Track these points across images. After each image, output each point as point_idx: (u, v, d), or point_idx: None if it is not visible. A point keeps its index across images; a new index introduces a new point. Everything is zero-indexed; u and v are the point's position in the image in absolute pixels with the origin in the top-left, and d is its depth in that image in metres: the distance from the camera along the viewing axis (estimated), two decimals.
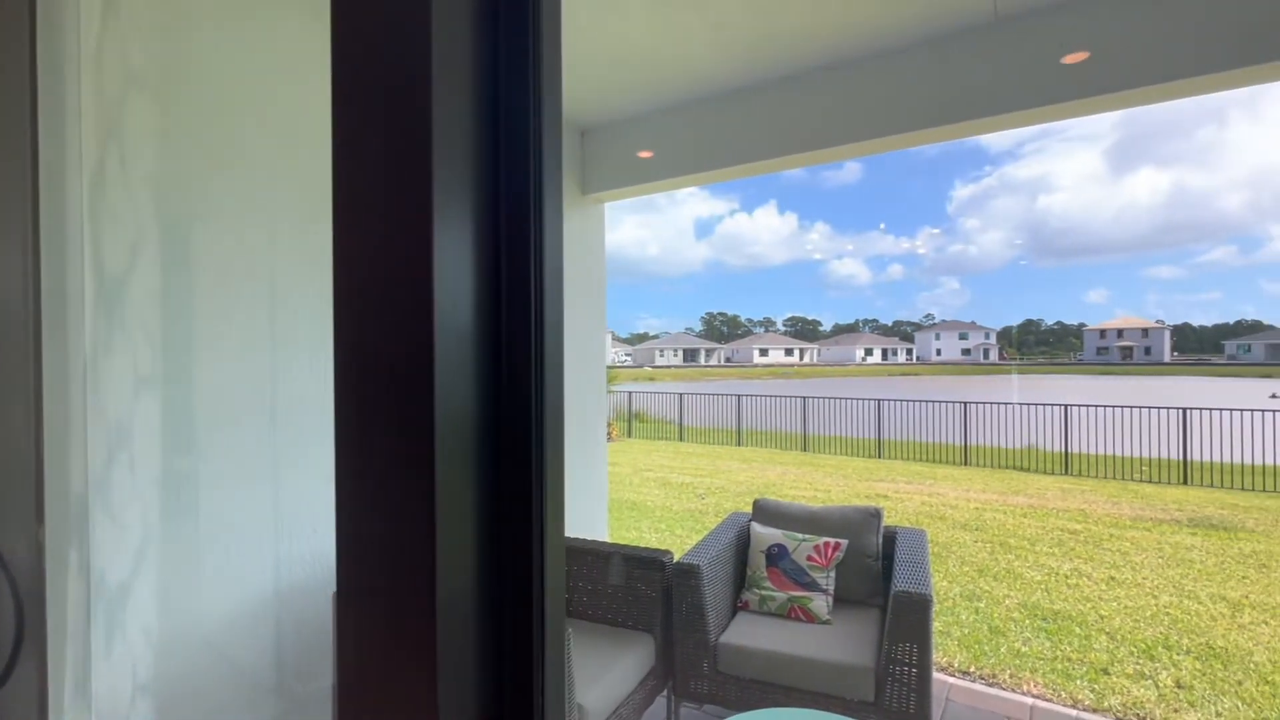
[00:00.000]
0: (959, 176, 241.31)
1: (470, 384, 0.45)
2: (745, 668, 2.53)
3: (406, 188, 0.45)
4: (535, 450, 0.46)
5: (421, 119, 0.44)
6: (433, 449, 0.41)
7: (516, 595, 0.47)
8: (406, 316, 0.43)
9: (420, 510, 0.42)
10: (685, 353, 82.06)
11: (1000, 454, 11.41)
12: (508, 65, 0.50)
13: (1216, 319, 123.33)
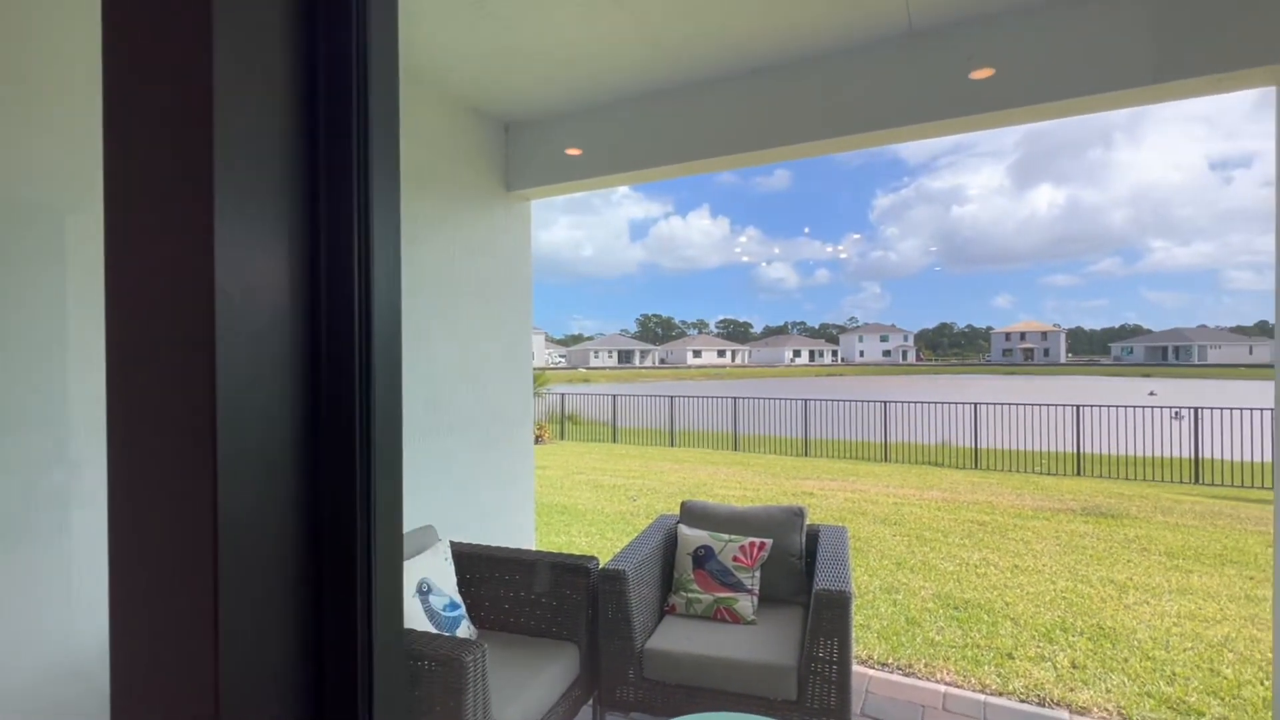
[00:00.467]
0: (880, 186, 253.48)
1: (272, 390, 0.38)
2: (672, 673, 2.50)
3: (184, 179, 0.37)
4: (362, 466, 0.39)
5: (200, 101, 0.36)
6: (215, 472, 0.34)
7: (339, 675, 0.40)
8: (184, 315, 0.35)
9: (199, 553, 0.34)
10: (620, 354, 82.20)
11: (917, 450, 12.00)
12: (327, 58, 0.43)
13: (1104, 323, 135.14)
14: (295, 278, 0.41)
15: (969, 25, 2.80)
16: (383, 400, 0.42)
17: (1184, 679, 3.14)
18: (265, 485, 0.37)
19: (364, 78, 0.44)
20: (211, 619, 0.34)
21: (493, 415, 3.80)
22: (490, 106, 3.67)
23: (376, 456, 0.39)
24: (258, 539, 0.36)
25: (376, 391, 0.41)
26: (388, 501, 0.41)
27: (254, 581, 0.37)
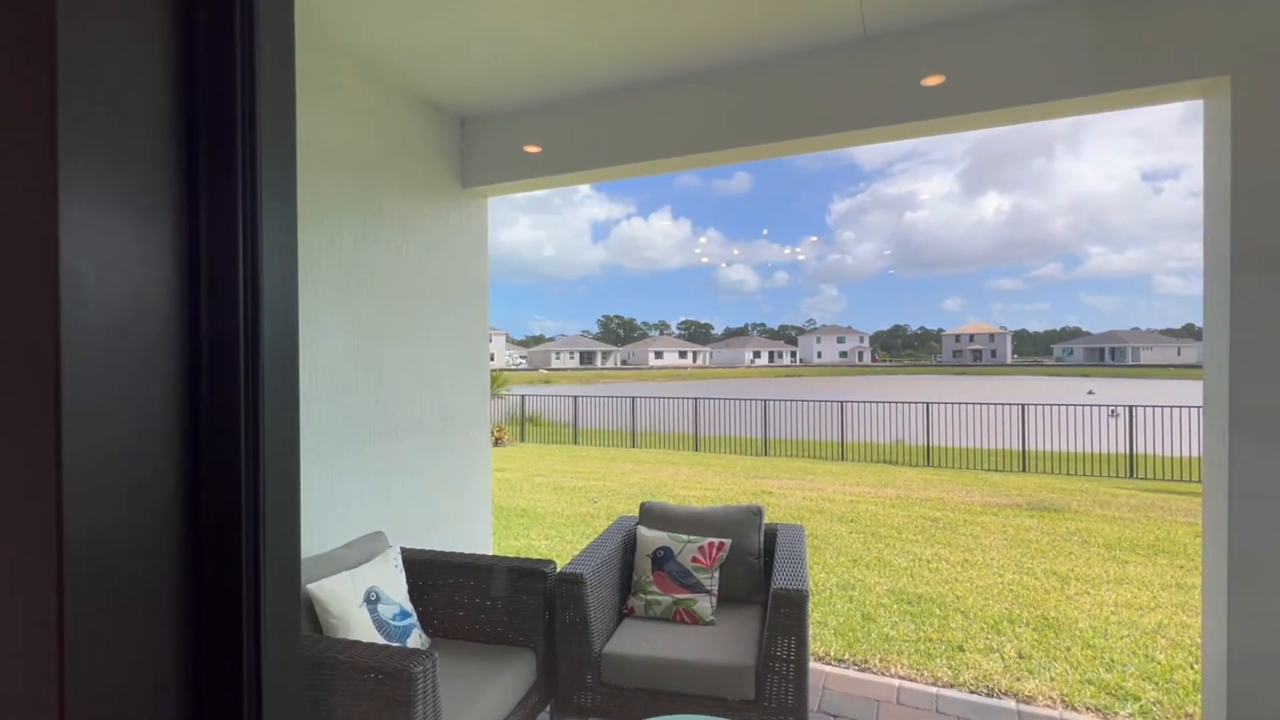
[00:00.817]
0: (837, 191, 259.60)
1: (139, 391, 0.33)
2: (630, 677, 2.47)
3: (17, 112, 0.32)
4: (249, 477, 0.35)
5: (42, 66, 0.31)
6: (60, 482, 0.29)
7: None
8: (17, 296, 0.30)
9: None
10: (582, 355, 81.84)
11: (873, 449, 12.28)
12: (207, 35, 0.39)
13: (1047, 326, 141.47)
14: (169, 264, 0.36)
15: (921, 33, 2.86)
16: (275, 405, 0.38)
17: (1121, 665, 3.28)
18: (131, 498, 0.32)
19: (249, 48, 0.39)
20: (55, 650, 0.29)
21: (448, 417, 3.71)
22: (445, 100, 3.58)
23: (267, 466, 0.35)
24: (120, 558, 0.32)
25: (267, 395, 0.37)
26: (281, 513, 0.37)
27: (115, 606, 0.32)
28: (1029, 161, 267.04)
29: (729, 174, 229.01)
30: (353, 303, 3.05)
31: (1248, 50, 2.39)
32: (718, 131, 3.29)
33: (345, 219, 3.00)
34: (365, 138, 3.16)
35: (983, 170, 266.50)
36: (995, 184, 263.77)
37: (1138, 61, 2.55)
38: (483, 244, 4.06)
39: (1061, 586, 4.48)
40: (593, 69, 3.25)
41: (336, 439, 2.94)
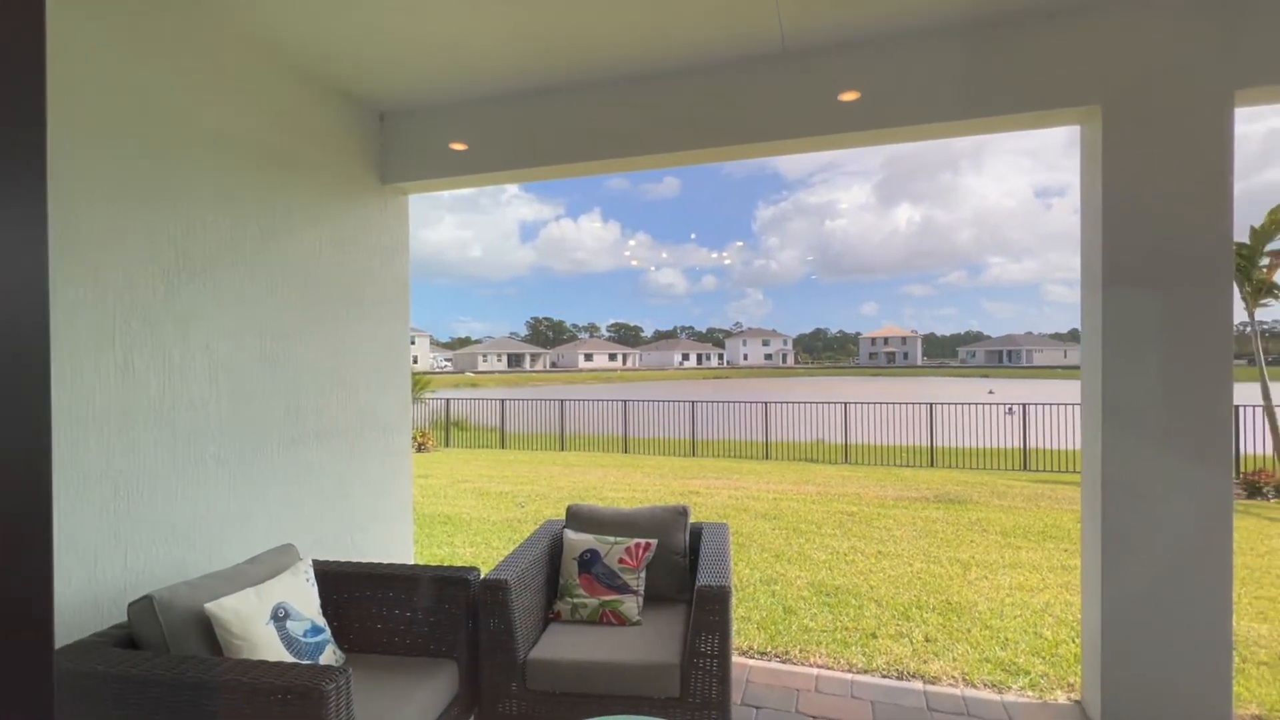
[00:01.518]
0: (762, 198, 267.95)
1: None
2: (557, 682, 2.45)
3: None
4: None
5: None
6: None
7: None
8: None
9: None
10: (510, 357, 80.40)
11: (795, 448, 12.74)
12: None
13: (953, 329, 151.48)
14: None
15: (837, 50, 3.00)
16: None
17: (1014, 643, 3.55)
18: None
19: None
20: None
21: (366, 421, 3.55)
22: (362, 92, 3.44)
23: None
24: None
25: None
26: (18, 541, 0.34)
27: None
28: (938, 176, 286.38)
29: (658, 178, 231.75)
30: (260, 301, 2.87)
31: (1116, 82, 2.66)
32: (645, 136, 3.33)
33: (249, 212, 2.82)
34: (272, 128, 2.98)
35: (896, 183, 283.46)
36: (907, 196, 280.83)
37: (1024, 88, 2.79)
38: (403, 242, 3.92)
39: (964, 573, 4.81)
40: (520, 68, 3.21)
41: (240, 446, 2.76)
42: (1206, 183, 2.56)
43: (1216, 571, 2.57)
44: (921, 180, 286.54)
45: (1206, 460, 2.56)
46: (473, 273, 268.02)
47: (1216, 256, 2.55)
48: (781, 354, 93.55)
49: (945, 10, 2.71)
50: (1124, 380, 2.67)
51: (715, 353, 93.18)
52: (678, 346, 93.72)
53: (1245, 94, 2.55)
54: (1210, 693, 2.56)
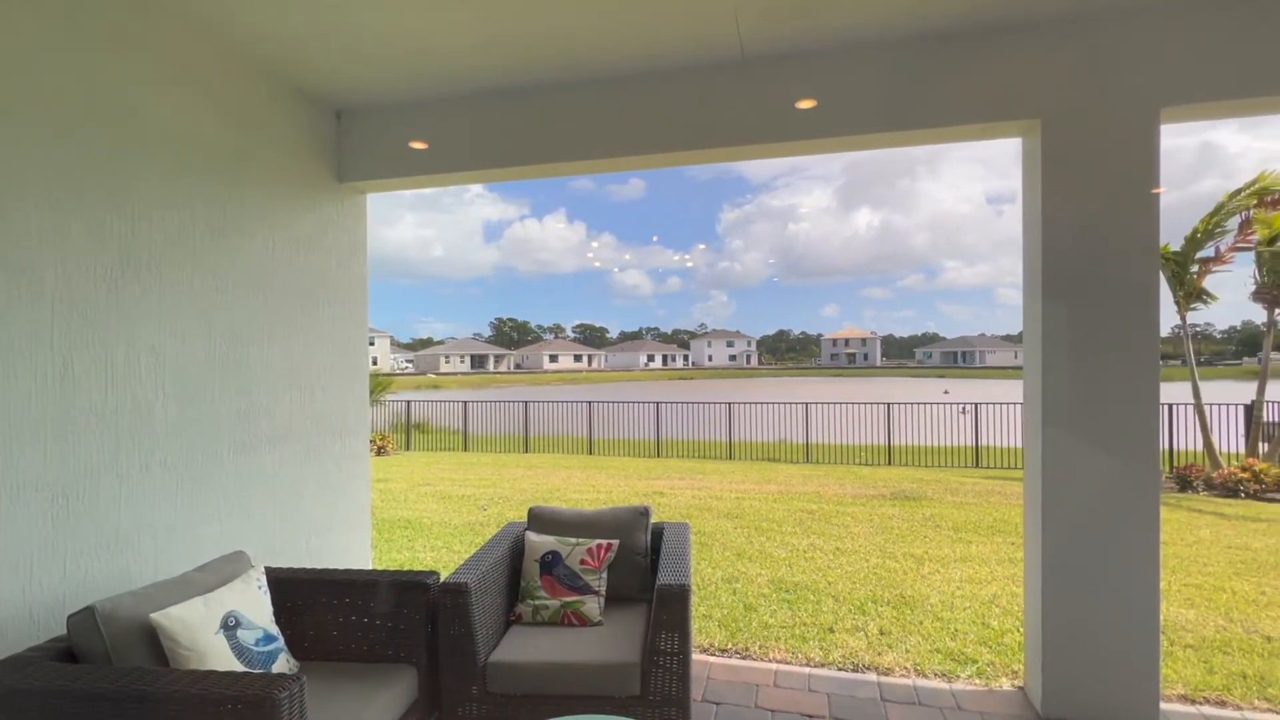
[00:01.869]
0: (726, 201, 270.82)
1: None
2: (518, 684, 2.45)
3: None
4: None
5: None
6: None
7: None
8: None
9: None
10: (473, 359, 79.36)
11: (758, 448, 12.92)
12: None
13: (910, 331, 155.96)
14: None
15: (794, 59, 3.07)
16: None
17: (963, 634, 3.69)
18: None
19: None
20: None
21: (322, 425, 3.48)
22: (318, 90, 3.37)
23: None
24: None
25: None
26: None
27: None
28: (896, 182, 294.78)
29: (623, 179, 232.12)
30: (210, 301, 2.79)
31: (1053, 98, 2.80)
32: (608, 139, 3.35)
33: (199, 210, 2.75)
34: (224, 123, 2.90)
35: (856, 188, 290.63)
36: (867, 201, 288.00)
37: (970, 101, 2.91)
38: (361, 242, 3.86)
39: (917, 567, 4.96)
40: (482, 68, 3.20)
41: (189, 451, 2.68)
42: (1135, 194, 2.71)
43: (1145, 561, 2.72)
44: (881, 185, 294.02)
45: (1136, 456, 2.72)
46: (435, 272, 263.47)
47: (1144, 263, 2.71)
48: (746, 355, 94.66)
49: (896, 24, 2.81)
50: (1062, 380, 2.81)
51: (681, 354, 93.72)
52: (643, 348, 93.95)
53: (1170, 111, 2.72)
54: (1140, 675, 2.72)
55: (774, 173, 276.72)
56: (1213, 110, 2.79)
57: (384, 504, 7.39)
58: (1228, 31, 2.62)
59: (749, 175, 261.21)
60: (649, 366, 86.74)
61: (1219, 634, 3.68)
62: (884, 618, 3.95)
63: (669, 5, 2.65)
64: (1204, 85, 2.66)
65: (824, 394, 16.45)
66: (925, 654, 3.44)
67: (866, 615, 3.99)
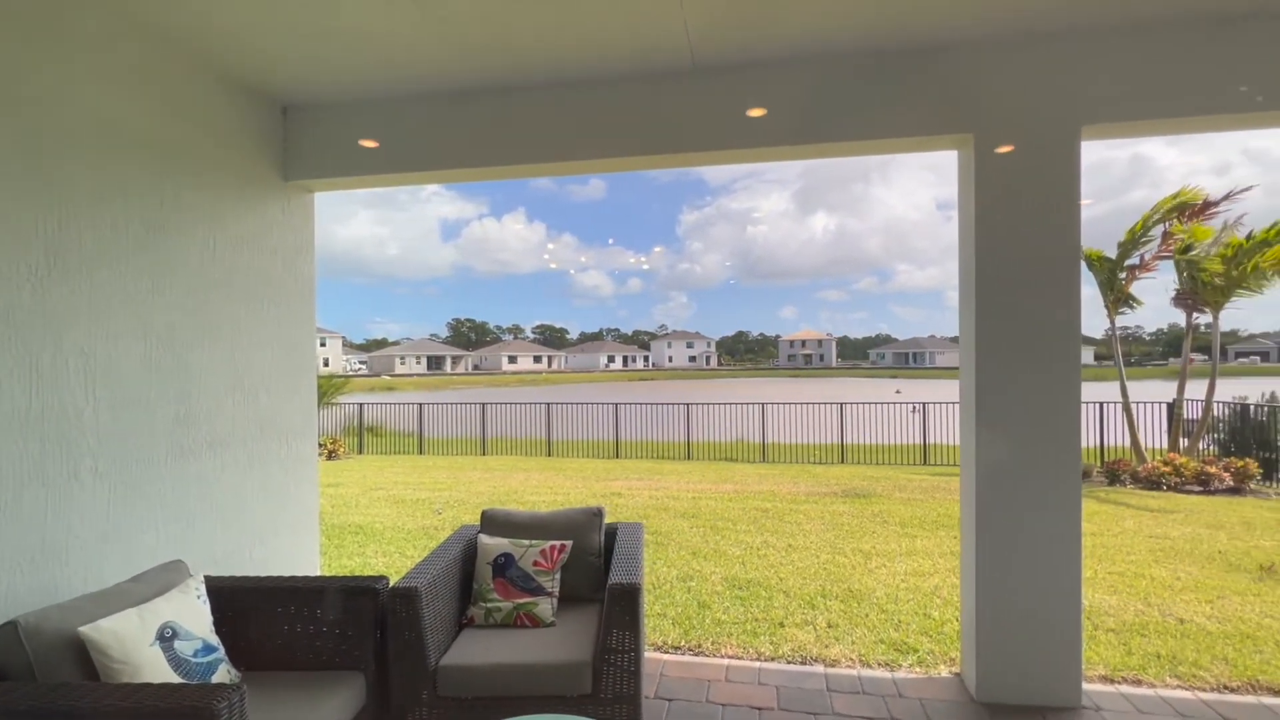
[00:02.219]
0: (686, 203, 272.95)
1: None
2: (469, 687, 2.44)
3: None
4: None
5: None
6: None
7: None
8: None
9: None
10: (430, 360, 77.82)
11: (716, 448, 13.09)
12: None
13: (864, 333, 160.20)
14: None
15: (744, 69, 3.15)
16: None
17: (906, 624, 3.84)
18: None
19: None
20: None
21: (265, 428, 3.39)
22: (263, 84, 3.29)
23: None
24: None
25: None
26: None
27: None
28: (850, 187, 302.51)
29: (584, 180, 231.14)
30: (145, 302, 2.69)
31: (985, 114, 2.96)
32: (562, 143, 3.37)
33: (134, 207, 2.65)
34: (162, 117, 2.81)
35: (813, 192, 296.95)
36: (823, 205, 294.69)
37: (909, 115, 3.04)
38: (308, 241, 3.77)
39: (865, 562, 5.13)
40: (432, 69, 3.17)
41: (122, 458, 2.58)
42: (1059, 205, 2.89)
43: (1068, 552, 2.90)
44: (836, 190, 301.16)
45: (1060, 452, 2.89)
46: (390, 271, 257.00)
47: (1067, 271, 2.89)
48: (705, 356, 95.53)
49: (841, 40, 2.92)
50: (992, 380, 2.96)
51: (641, 355, 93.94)
52: (604, 348, 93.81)
53: (1090, 129, 2.90)
54: (1064, 658, 2.89)
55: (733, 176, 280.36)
56: (1130, 129, 2.98)
57: (334, 509, 7.21)
58: (1143, 56, 2.81)
59: (708, 178, 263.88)
60: (609, 367, 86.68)
61: (1138, 618, 3.93)
62: (832, 611, 4.07)
63: (619, 13, 2.69)
64: (1121, 106, 2.85)
65: (781, 394, 16.79)
66: (870, 645, 3.57)
67: (816, 609, 4.10)
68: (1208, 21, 2.74)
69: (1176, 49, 2.78)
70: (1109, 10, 2.70)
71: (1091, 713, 2.85)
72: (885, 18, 2.75)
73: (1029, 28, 2.82)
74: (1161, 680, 3.16)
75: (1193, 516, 6.76)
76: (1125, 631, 3.73)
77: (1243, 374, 43.67)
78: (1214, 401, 9.77)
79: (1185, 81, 2.79)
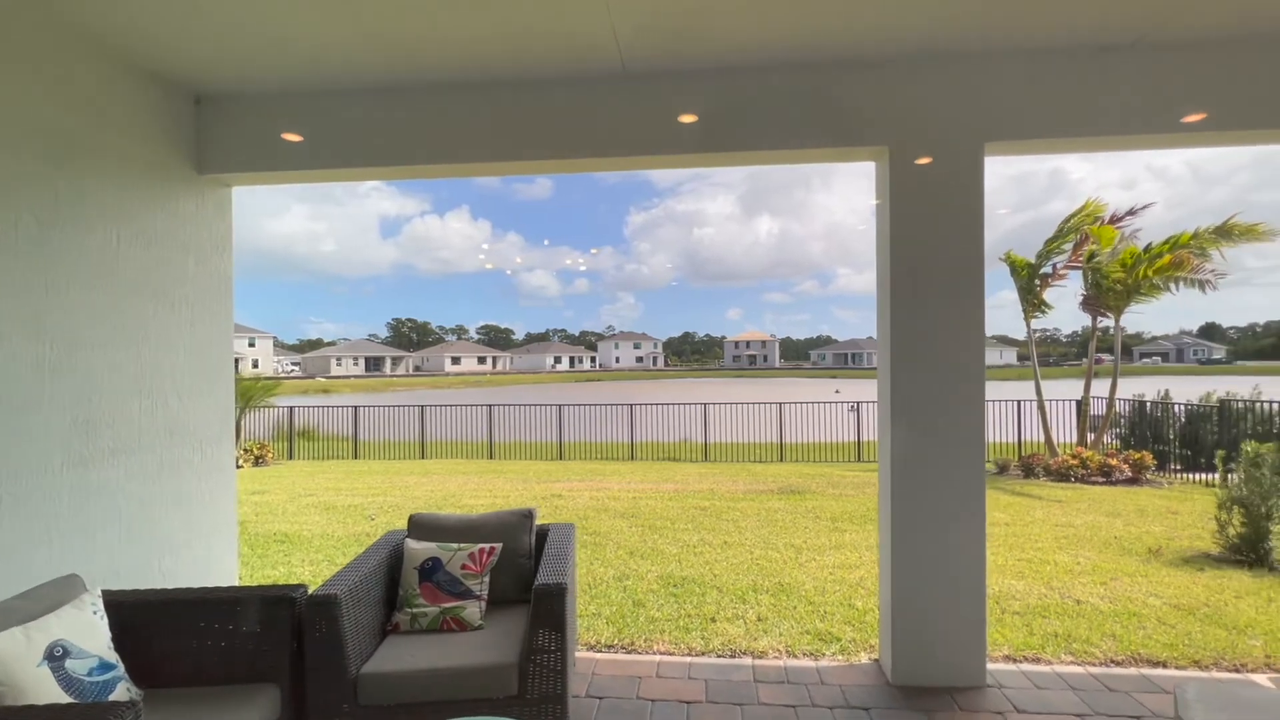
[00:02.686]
0: (633, 205, 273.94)
1: None
2: (391, 694, 2.40)
3: None
4: None
5: None
6: None
7: None
8: None
9: None
10: (368, 361, 75.25)
11: (661, 448, 13.20)
12: None
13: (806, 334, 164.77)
14: None
15: (674, 75, 3.21)
16: None
17: (831, 615, 4.00)
18: None
19: None
20: None
21: (177, 434, 3.23)
22: (172, 72, 3.14)
23: None
24: None
25: None
26: None
27: None
28: (793, 192, 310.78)
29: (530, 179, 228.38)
30: (38, 302, 2.53)
31: (899, 129, 3.12)
32: (495, 143, 3.35)
33: (24, 200, 2.48)
34: (55, 104, 2.64)
35: (757, 196, 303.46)
36: (767, 209, 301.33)
37: (831, 127, 3.17)
38: (225, 237, 3.61)
39: (796, 556, 5.30)
40: (359, 65, 3.10)
41: (11, 468, 2.42)
42: (966, 216, 3.08)
43: (973, 540, 3.09)
44: (779, 195, 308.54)
45: (965, 446, 3.08)
46: (326, 269, 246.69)
47: (972, 275, 3.08)
48: (652, 356, 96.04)
49: (765, 51, 3.02)
50: (905, 380, 3.13)
51: (588, 356, 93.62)
52: (550, 349, 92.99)
53: (993, 145, 3.10)
54: (970, 641, 3.08)
55: (679, 179, 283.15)
56: (1030, 147, 3.20)
57: (259, 517, 6.90)
58: (1036, 79, 3.03)
59: (656, 180, 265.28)
60: (556, 368, 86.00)
61: (1040, 600, 4.22)
62: (762, 605, 4.20)
63: (547, 16, 2.70)
64: (1018, 124, 3.06)
65: (725, 394, 17.07)
66: (796, 636, 3.70)
67: (746, 604, 4.22)
68: (1092, 49, 2.98)
69: (1066, 73, 3.01)
70: (1009, 34, 2.90)
71: (994, 690, 3.05)
72: (807, 32, 2.86)
73: (939, 48, 2.99)
74: (1058, 657, 3.41)
75: (1095, 505, 7.29)
76: (1029, 614, 4.00)
77: (1145, 374, 47.33)
78: (1116, 399, 10.56)
79: (1072, 103, 3.02)
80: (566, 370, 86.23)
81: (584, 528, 6.34)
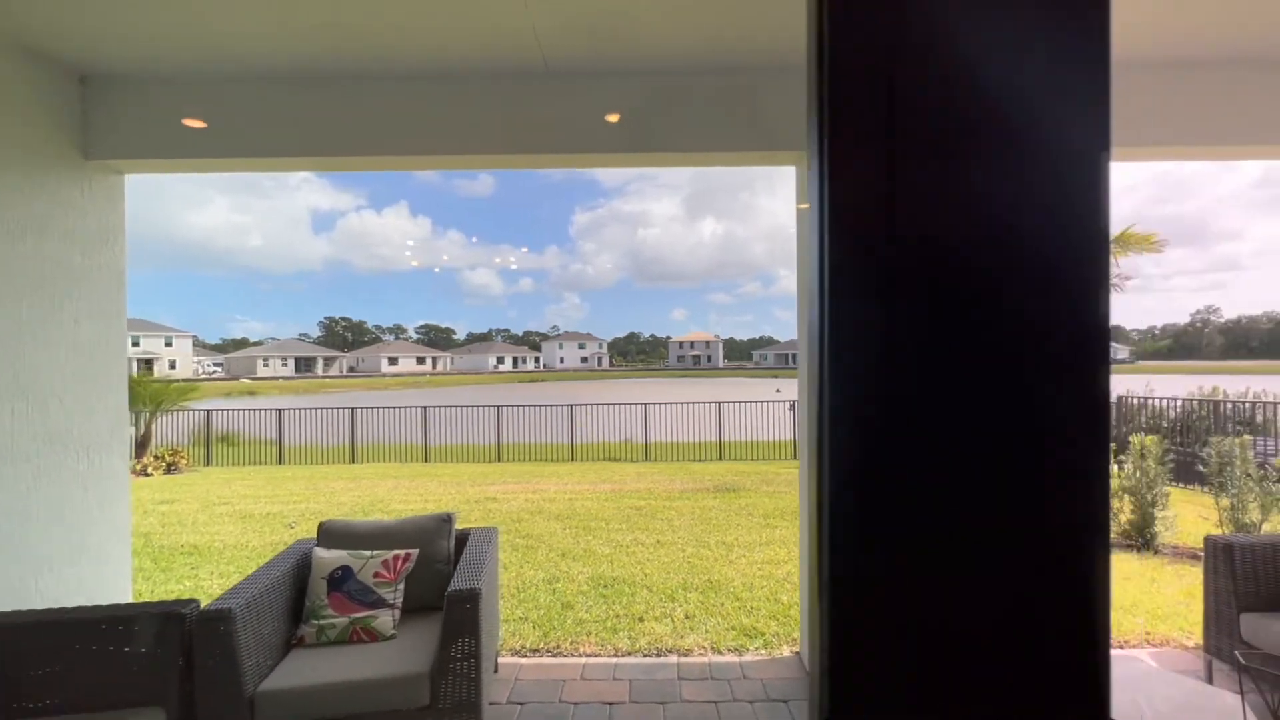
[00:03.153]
0: (579, 204, 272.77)
1: None
2: (292, 712, 2.29)
3: None
4: None
5: None
6: None
7: None
8: None
9: None
10: (298, 362, 71.95)
11: (600, 448, 13.16)
12: None
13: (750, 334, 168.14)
14: None
15: (598, 75, 3.20)
16: None
17: (758, 610, 4.08)
18: None
19: None
20: None
21: (58, 442, 2.98)
22: (52, 48, 2.90)
23: None
24: None
25: None
26: None
27: None
28: (737, 194, 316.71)
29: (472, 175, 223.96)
30: None
31: None
32: (409, 135, 3.25)
33: None
34: None
35: (701, 198, 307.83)
36: (712, 210, 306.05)
37: (751, 130, 3.23)
38: (116, 228, 3.36)
39: (727, 553, 5.38)
40: (271, 51, 2.96)
41: None
42: None
43: None
44: (724, 197, 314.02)
45: None
46: (251, 264, 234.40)
47: None
48: (597, 357, 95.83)
49: (686, 55, 3.04)
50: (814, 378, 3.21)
51: (532, 356, 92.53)
52: (493, 349, 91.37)
53: None
54: None
55: (625, 178, 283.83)
56: None
57: (165, 529, 6.46)
58: None
59: (601, 179, 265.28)
60: (499, 369, 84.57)
61: None
62: (690, 603, 4.23)
63: (467, 13, 2.64)
64: None
65: (668, 394, 17.17)
66: (722, 632, 3.75)
67: (675, 602, 4.25)
68: None
69: None
70: None
71: None
72: (730, 37, 2.91)
73: None
74: None
75: None
76: None
77: None
78: None
79: None
80: (510, 371, 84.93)
81: (516, 530, 6.24)
